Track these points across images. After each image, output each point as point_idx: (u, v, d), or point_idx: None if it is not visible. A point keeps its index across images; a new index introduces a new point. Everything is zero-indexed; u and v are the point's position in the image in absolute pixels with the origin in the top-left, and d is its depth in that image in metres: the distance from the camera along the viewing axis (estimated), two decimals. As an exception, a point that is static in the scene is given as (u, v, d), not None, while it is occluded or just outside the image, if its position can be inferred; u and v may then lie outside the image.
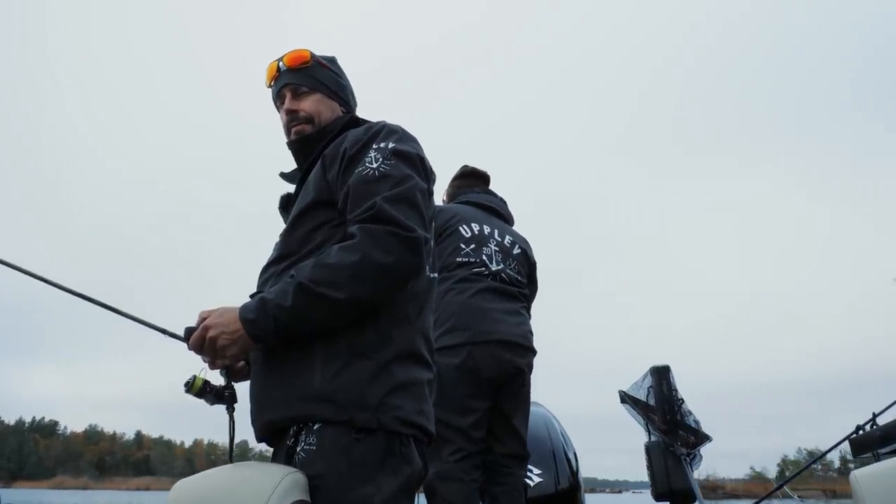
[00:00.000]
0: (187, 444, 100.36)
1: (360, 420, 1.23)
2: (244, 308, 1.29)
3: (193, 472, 1.37)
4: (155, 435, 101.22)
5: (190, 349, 1.35)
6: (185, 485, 1.32)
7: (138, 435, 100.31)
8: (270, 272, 1.44)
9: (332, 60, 1.68)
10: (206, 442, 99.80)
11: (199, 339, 1.31)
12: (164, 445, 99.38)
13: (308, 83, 1.59)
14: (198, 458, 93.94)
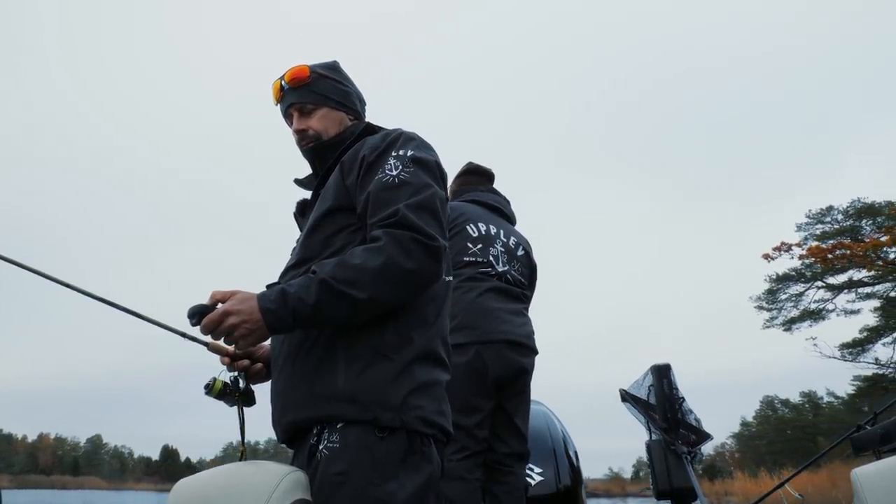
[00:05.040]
0: (31, 438, 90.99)
1: (383, 419, 1.25)
2: (264, 297, 1.29)
3: (36, 468, 1.22)
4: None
5: (200, 329, 1.31)
6: (185, 484, 1.31)
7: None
8: (290, 276, 1.45)
9: (333, 67, 1.68)
10: (52, 436, 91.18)
11: (216, 323, 1.29)
12: (3, 440, 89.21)
13: (312, 100, 1.61)
14: (42, 453, 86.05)
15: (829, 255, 20.54)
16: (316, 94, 1.62)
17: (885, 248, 19.87)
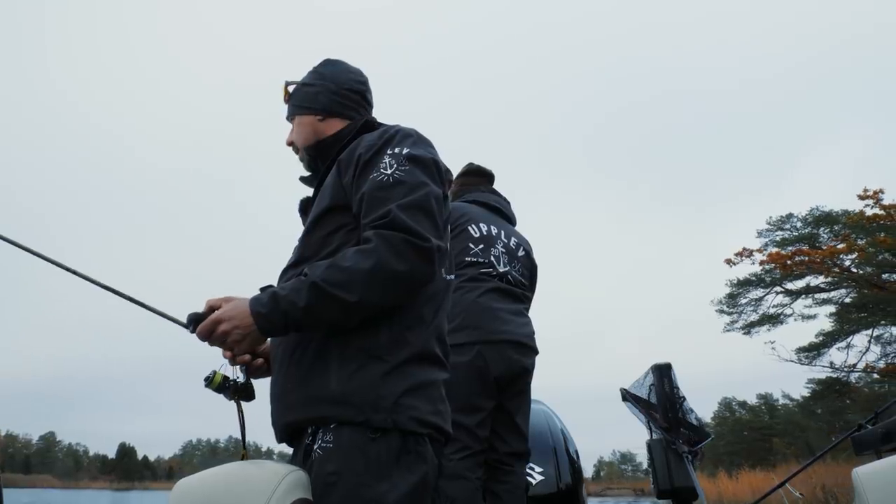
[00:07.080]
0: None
1: (375, 421, 1.25)
2: (255, 301, 1.31)
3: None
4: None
5: (197, 337, 1.36)
6: (186, 483, 1.32)
7: None
8: (290, 276, 1.45)
9: (312, 71, 1.67)
10: (3, 433, 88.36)
11: (208, 331, 1.33)
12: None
13: (289, 113, 1.67)
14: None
15: (789, 262, 21.09)
16: (291, 106, 1.66)
17: (841, 256, 20.51)
